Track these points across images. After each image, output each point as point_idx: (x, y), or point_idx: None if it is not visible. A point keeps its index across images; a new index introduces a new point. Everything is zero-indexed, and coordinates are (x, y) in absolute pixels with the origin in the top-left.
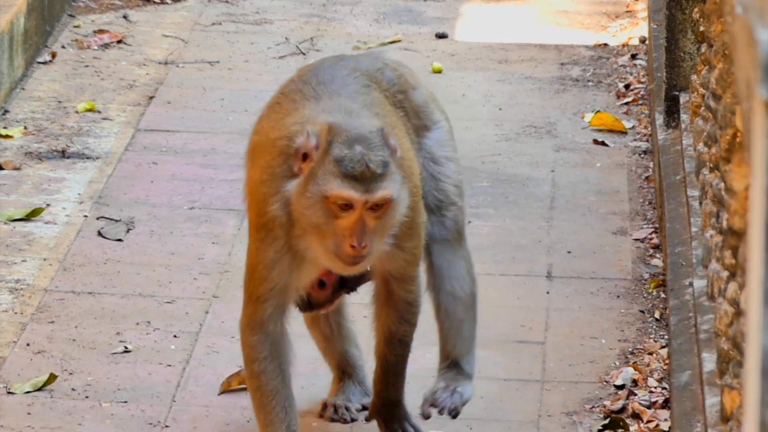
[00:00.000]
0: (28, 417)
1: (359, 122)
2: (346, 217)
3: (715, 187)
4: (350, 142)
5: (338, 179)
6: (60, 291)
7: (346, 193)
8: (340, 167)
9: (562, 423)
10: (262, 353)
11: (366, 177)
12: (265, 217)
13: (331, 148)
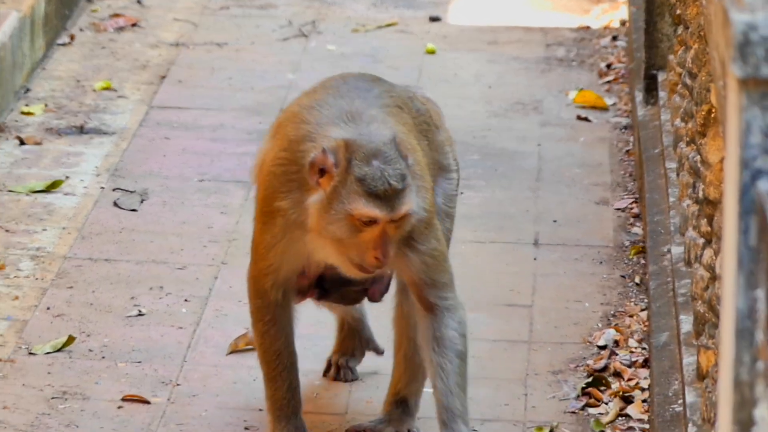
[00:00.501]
0: (48, 376)
1: (372, 134)
2: (370, 231)
3: (691, 160)
4: (368, 158)
5: (363, 198)
6: (78, 258)
7: (371, 213)
8: (363, 186)
9: (548, 381)
10: (266, 317)
11: (388, 194)
12: (270, 207)
13: (351, 166)
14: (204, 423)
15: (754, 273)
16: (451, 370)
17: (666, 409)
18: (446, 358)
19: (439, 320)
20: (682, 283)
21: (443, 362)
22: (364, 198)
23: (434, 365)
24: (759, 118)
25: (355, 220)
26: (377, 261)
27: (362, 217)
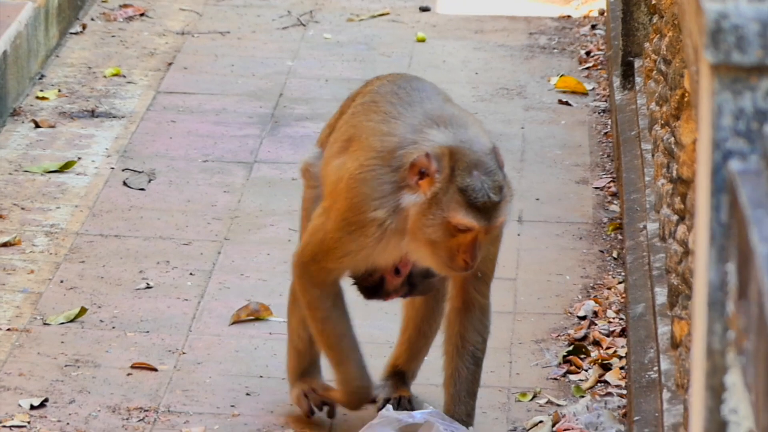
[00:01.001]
0: (61, 345)
1: (473, 142)
2: (463, 236)
3: (665, 141)
4: (470, 169)
5: (463, 209)
6: (90, 234)
7: (470, 223)
8: (464, 197)
9: (532, 350)
10: (325, 304)
11: (487, 206)
12: (361, 216)
13: (454, 176)
14: (208, 389)
15: (725, 248)
16: (466, 377)
17: (642, 375)
18: (465, 362)
19: (469, 319)
20: (657, 258)
21: (461, 367)
22: (464, 208)
23: (452, 366)
24: (730, 101)
25: (451, 227)
26: (466, 264)
27: (460, 225)
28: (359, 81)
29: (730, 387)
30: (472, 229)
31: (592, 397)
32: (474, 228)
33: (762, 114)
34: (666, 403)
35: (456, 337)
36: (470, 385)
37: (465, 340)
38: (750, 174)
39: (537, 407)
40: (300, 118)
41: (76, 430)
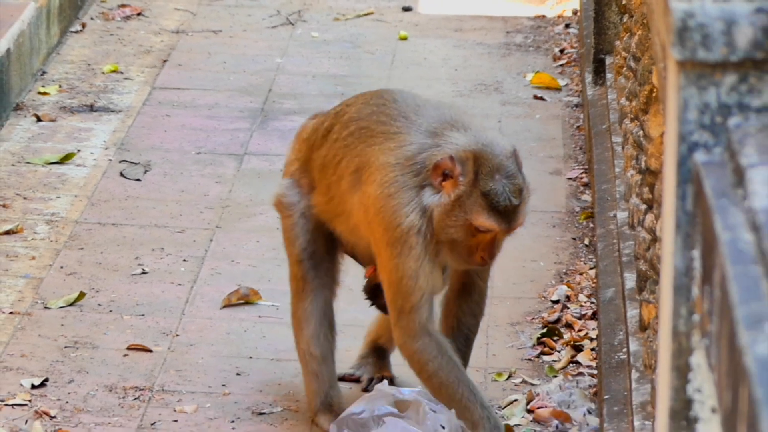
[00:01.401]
0: (61, 327)
1: (496, 147)
2: (483, 236)
3: (635, 134)
4: (493, 173)
5: (485, 211)
6: (88, 222)
7: (490, 225)
8: (487, 201)
9: (507, 332)
10: (432, 353)
11: (508, 210)
12: (398, 229)
13: (477, 179)
14: (200, 369)
15: (690, 235)
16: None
17: (612, 356)
18: (458, 344)
19: (467, 302)
20: (627, 245)
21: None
22: (487, 211)
23: None
24: (695, 96)
25: (473, 228)
26: (483, 261)
27: (482, 227)
28: (345, 77)
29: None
30: (493, 230)
31: (564, 377)
32: (495, 230)
33: (726, 108)
34: (634, 383)
35: (452, 319)
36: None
37: (461, 322)
38: (714, 165)
39: (512, 386)
40: (288, 113)
41: (74, 408)
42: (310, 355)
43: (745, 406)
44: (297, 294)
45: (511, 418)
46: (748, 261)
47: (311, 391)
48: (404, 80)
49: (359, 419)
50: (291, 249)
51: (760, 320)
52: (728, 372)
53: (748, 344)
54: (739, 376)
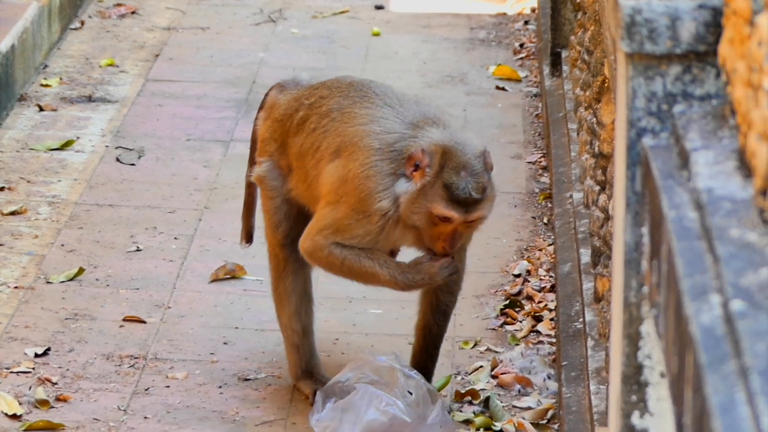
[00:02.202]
0: (62, 301)
1: (467, 146)
2: (444, 226)
3: (589, 122)
4: (458, 169)
5: (445, 201)
6: (87, 204)
7: (449, 214)
8: (448, 192)
9: (473, 304)
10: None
11: (468, 202)
12: (368, 207)
13: (443, 172)
14: (190, 339)
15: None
16: (435, 333)
17: (569, 326)
18: (436, 320)
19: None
20: (582, 223)
21: (432, 324)
22: (446, 201)
23: (424, 320)
24: (643, 86)
25: (434, 216)
26: (444, 251)
27: (440, 216)
28: (322, 69)
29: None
30: (451, 219)
31: (525, 345)
32: (453, 219)
33: (671, 96)
34: (590, 350)
35: (432, 295)
36: (437, 339)
37: (439, 299)
38: (661, 149)
39: (478, 354)
40: None
41: (74, 375)
42: (292, 329)
43: (691, 371)
44: (278, 273)
45: (477, 383)
46: (693, 237)
47: (293, 360)
48: (377, 72)
49: (344, 386)
50: (273, 233)
51: (704, 292)
52: (675, 340)
53: (693, 314)
54: (685, 344)
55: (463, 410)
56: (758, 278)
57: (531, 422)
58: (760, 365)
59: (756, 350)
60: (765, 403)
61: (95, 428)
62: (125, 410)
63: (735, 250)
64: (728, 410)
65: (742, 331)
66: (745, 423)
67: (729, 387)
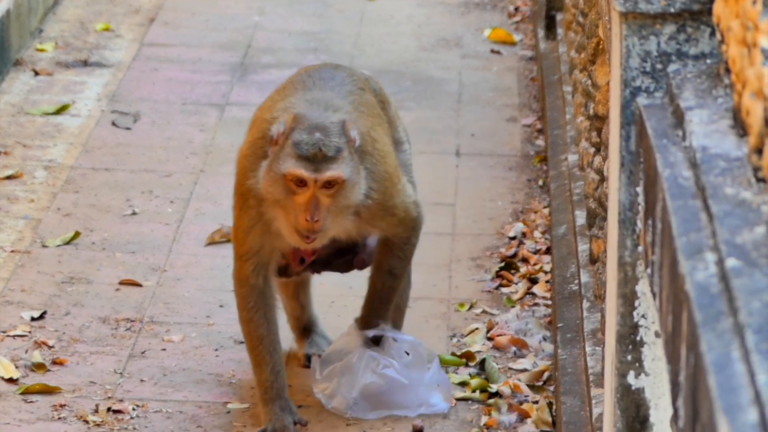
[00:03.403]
0: (58, 264)
1: (325, 114)
2: (302, 193)
3: (583, 84)
4: (309, 130)
5: (293, 159)
6: (83, 168)
7: (298, 172)
8: (296, 149)
9: (468, 266)
10: (249, 303)
11: (318, 158)
12: (243, 187)
13: (292, 134)
14: (186, 302)
15: (634, 173)
16: (381, 289)
17: (565, 288)
18: (381, 277)
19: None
20: (577, 185)
21: (377, 281)
22: (294, 159)
23: (371, 282)
24: (637, 45)
25: (288, 181)
26: (307, 224)
27: (290, 176)
28: (317, 33)
29: (640, 295)
30: (303, 180)
31: (521, 307)
32: (303, 177)
33: (666, 55)
34: (585, 312)
35: (379, 257)
36: (384, 295)
37: (385, 261)
38: (655, 108)
39: (473, 316)
40: (266, 66)
41: (71, 338)
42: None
43: (686, 329)
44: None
45: (473, 345)
46: (688, 195)
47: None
48: (372, 36)
49: (340, 353)
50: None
51: (699, 250)
52: (670, 298)
53: (688, 272)
54: (680, 302)
55: (459, 372)
56: (753, 236)
57: (527, 384)
58: (756, 323)
59: (751, 308)
60: (760, 361)
61: (91, 391)
62: (121, 373)
63: (730, 208)
64: (723, 368)
65: (737, 288)
66: (741, 380)
67: (724, 345)
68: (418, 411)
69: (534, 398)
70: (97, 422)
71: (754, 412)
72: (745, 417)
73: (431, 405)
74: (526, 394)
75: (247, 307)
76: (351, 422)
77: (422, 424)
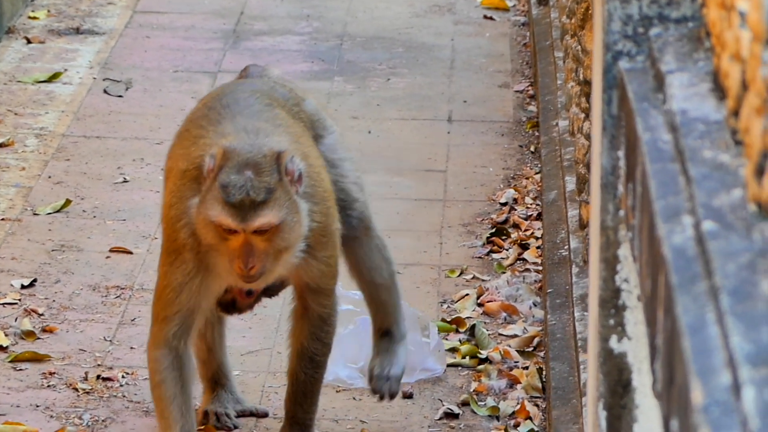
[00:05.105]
0: (49, 232)
1: (256, 145)
2: (234, 239)
3: (574, 49)
4: (239, 168)
5: (220, 206)
6: (74, 136)
7: (225, 222)
8: (222, 194)
9: (459, 232)
10: (163, 364)
11: (245, 205)
12: (175, 242)
13: (220, 173)
14: None
15: (615, 137)
16: (303, 380)
17: (555, 253)
18: (303, 366)
19: (309, 327)
20: (567, 150)
21: (299, 370)
22: (221, 205)
23: (292, 366)
24: (619, 8)
25: (217, 227)
26: (241, 272)
27: (216, 222)
28: (310, 0)
29: (622, 259)
30: (232, 229)
31: (512, 273)
32: (230, 227)
33: (647, 19)
34: (575, 277)
35: (296, 342)
36: (308, 387)
37: (303, 346)
38: (637, 72)
39: (464, 282)
40: (258, 33)
41: (61, 306)
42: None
43: (663, 293)
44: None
45: (463, 311)
46: (667, 159)
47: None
48: (365, 3)
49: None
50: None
51: (677, 213)
52: (648, 261)
53: (665, 235)
54: (658, 265)
55: (449, 339)
56: (730, 199)
57: (517, 350)
58: (730, 285)
59: (726, 270)
60: (734, 323)
61: (81, 359)
62: (111, 341)
63: (708, 171)
64: (698, 330)
65: (713, 251)
66: (715, 342)
67: (699, 307)
68: (416, 376)
69: (524, 364)
70: (87, 390)
71: (727, 374)
72: (718, 379)
73: (428, 370)
74: (516, 359)
75: (160, 369)
76: (341, 389)
77: (412, 390)
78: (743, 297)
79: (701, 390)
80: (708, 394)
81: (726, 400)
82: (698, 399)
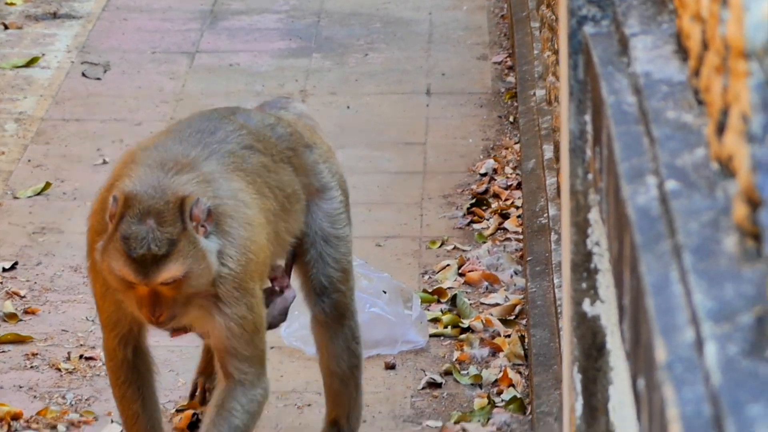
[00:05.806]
0: (29, 215)
1: (161, 189)
2: (139, 289)
3: (549, 19)
4: (140, 217)
5: (122, 258)
6: (53, 119)
7: (127, 276)
8: (123, 247)
9: (440, 204)
10: (120, 378)
11: (147, 260)
12: (90, 260)
13: (121, 222)
14: None
15: (582, 101)
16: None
17: (534, 222)
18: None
19: (228, 392)
20: (545, 119)
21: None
22: (123, 258)
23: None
24: None
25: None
26: (150, 319)
27: (119, 275)
28: None
29: (593, 223)
30: (131, 281)
31: (492, 243)
32: (132, 281)
33: None
34: (554, 245)
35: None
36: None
37: (221, 411)
38: (602, 36)
39: (445, 253)
40: (236, 13)
41: (42, 287)
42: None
43: (628, 252)
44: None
45: (444, 281)
46: (631, 121)
47: None
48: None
49: None
50: None
51: (641, 174)
52: (615, 223)
53: (630, 196)
54: (623, 226)
55: (431, 309)
56: (693, 158)
57: (498, 318)
58: (693, 243)
59: (689, 228)
60: (696, 280)
61: (64, 339)
62: (93, 320)
63: (671, 131)
64: (662, 289)
65: (676, 210)
66: (678, 301)
67: (663, 266)
68: (398, 348)
69: (506, 332)
70: (70, 369)
71: (690, 331)
72: (681, 337)
73: (410, 342)
74: (498, 328)
75: (117, 383)
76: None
77: (394, 361)
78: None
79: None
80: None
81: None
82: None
